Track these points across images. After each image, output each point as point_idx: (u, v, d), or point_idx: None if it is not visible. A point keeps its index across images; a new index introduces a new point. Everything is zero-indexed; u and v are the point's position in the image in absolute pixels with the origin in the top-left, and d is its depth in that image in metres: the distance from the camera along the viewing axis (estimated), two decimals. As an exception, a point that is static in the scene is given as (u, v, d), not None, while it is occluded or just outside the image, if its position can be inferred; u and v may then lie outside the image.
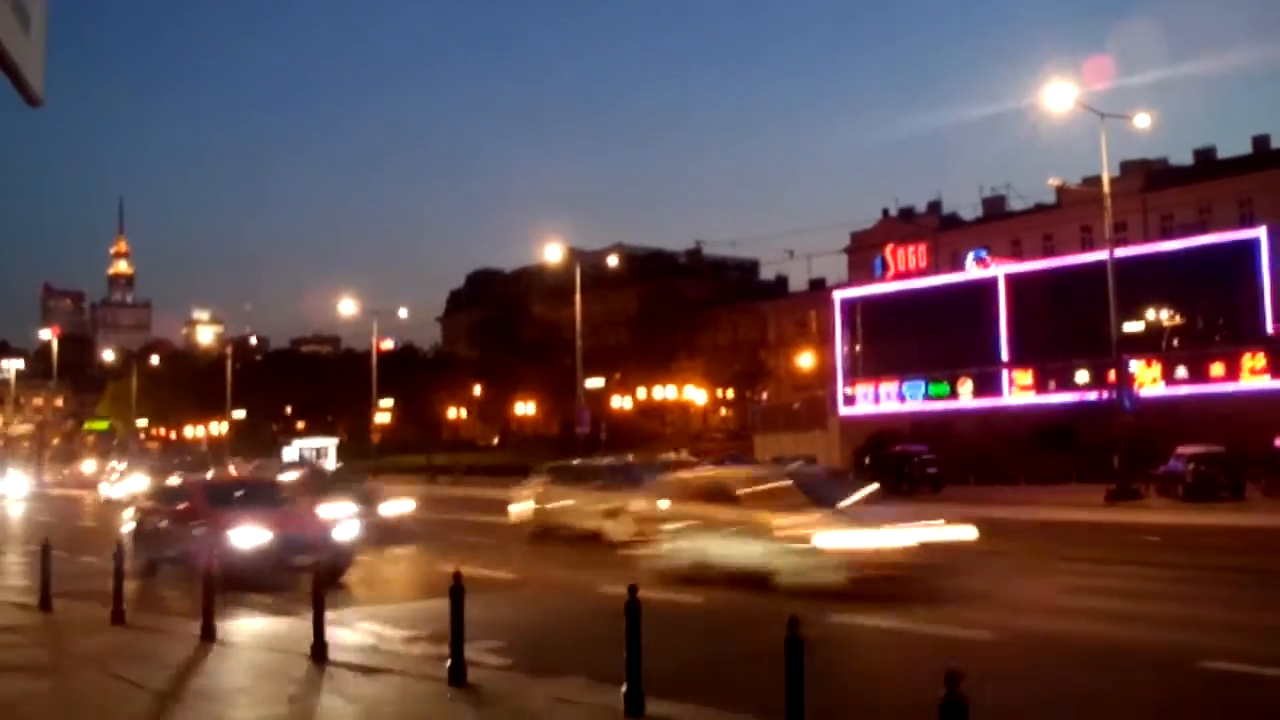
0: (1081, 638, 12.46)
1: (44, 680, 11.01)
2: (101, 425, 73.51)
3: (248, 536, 17.76)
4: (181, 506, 20.02)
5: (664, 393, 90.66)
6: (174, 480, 30.94)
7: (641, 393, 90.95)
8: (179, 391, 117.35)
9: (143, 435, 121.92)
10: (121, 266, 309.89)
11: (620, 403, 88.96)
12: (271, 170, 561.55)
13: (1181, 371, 49.20)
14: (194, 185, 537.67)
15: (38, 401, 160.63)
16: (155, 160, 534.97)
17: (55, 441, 69.74)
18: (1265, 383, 46.77)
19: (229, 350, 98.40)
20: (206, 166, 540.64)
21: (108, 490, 49.67)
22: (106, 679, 10.78)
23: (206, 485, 23.70)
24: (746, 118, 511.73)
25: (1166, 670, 10.59)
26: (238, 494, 21.60)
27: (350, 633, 13.22)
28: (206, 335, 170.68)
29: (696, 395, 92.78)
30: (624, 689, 8.57)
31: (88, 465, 66.10)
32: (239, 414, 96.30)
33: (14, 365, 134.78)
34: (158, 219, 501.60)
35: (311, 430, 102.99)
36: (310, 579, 12.25)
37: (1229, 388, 47.36)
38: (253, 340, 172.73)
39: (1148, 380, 48.95)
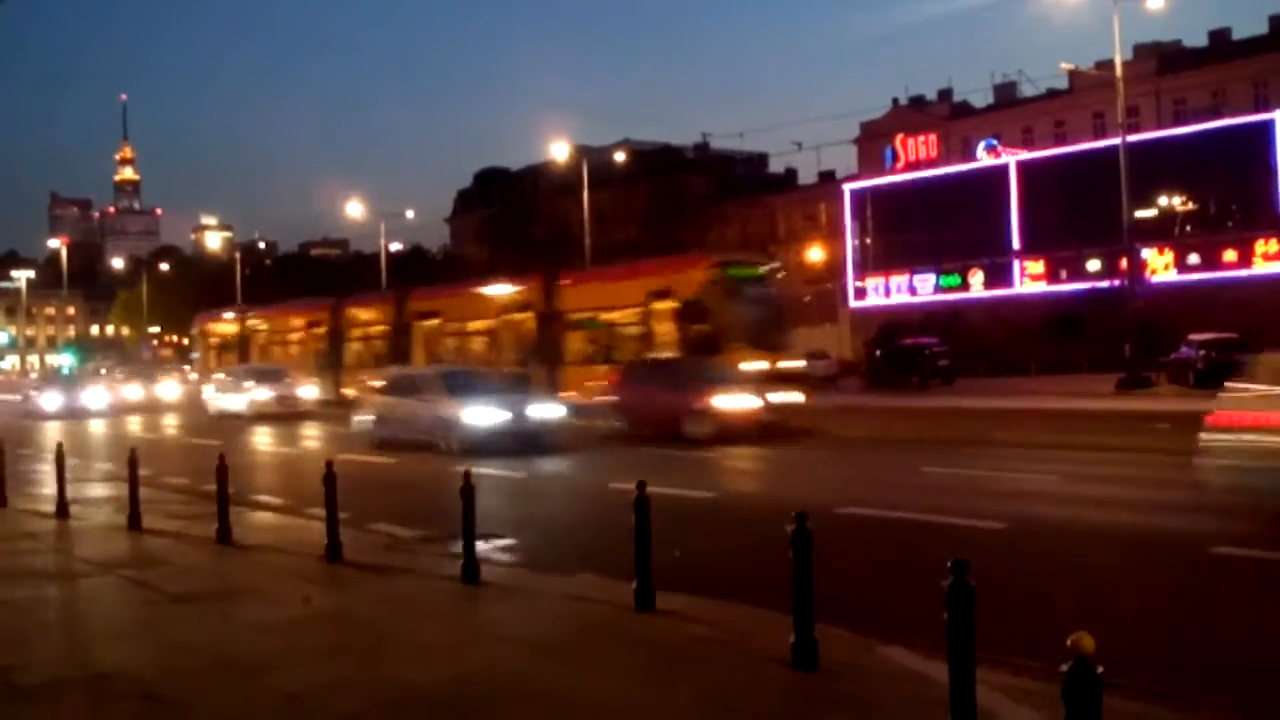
0: (1090, 525, 12.54)
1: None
2: None
3: None
4: None
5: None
6: None
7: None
8: (190, 297, 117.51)
9: (155, 343, 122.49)
10: (127, 173, 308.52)
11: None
12: (277, 72, 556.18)
13: (1193, 258, 48.97)
14: (199, 90, 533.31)
15: (49, 311, 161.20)
16: (160, 65, 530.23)
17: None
18: (1277, 268, 46.55)
19: (238, 255, 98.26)
20: (211, 70, 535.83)
21: None
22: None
23: None
24: (753, 8, 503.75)
25: (1177, 556, 10.66)
26: None
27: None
28: (215, 241, 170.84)
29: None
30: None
31: None
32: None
33: (25, 275, 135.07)
34: (162, 125, 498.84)
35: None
36: None
37: (1241, 274, 47.17)
38: (261, 245, 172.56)
39: (1160, 267, 48.79)
